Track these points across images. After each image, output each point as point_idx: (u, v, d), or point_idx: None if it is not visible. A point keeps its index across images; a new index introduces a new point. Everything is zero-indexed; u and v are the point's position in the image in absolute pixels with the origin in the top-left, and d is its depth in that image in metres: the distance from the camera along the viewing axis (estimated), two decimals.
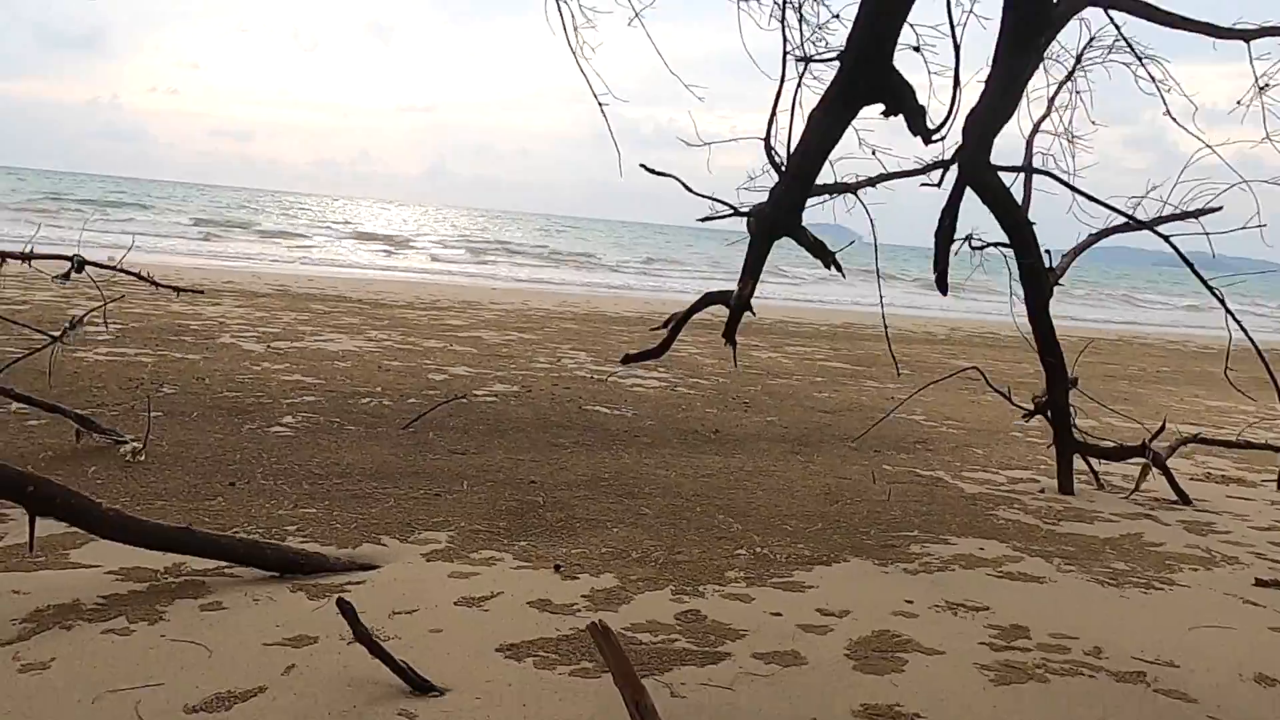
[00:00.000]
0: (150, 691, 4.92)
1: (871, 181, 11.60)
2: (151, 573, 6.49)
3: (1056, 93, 11.57)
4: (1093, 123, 11.52)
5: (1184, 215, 10.89)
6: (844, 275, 10.92)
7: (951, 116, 8.45)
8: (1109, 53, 11.03)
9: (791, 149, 9.81)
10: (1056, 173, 10.07)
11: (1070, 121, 11.50)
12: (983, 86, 8.52)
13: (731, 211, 9.89)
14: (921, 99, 9.03)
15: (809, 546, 7.98)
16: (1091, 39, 11.13)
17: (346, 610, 5.28)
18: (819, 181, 10.58)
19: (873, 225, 11.24)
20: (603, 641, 3.49)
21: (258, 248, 39.18)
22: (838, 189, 11.46)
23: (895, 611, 6.65)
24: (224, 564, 6.64)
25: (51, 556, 6.64)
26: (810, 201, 11.08)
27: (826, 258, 10.75)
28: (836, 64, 8.78)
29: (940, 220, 9.35)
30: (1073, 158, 11.54)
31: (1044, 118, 11.36)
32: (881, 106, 8.43)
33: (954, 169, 9.39)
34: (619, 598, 6.63)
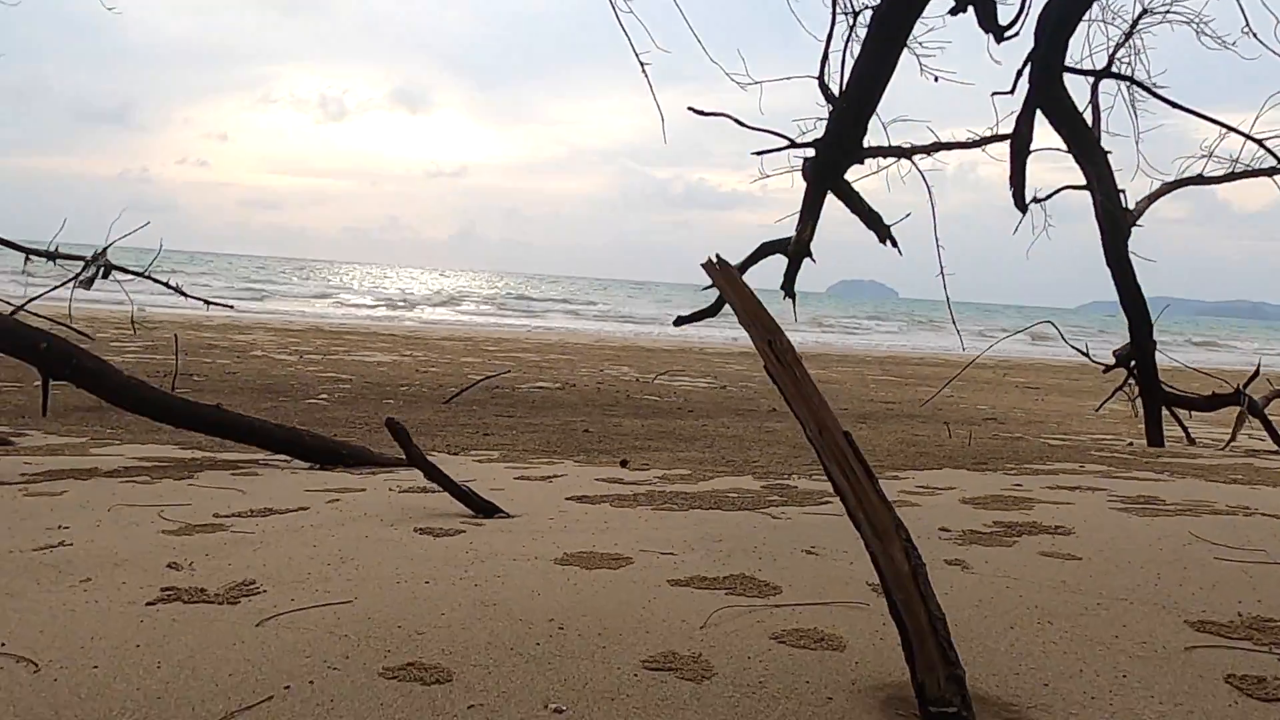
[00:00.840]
0: (175, 509, 4.28)
1: (927, 149, 11.16)
2: (178, 460, 5.89)
3: (1117, 50, 11.20)
4: (1153, 86, 11.11)
5: (1259, 172, 10.42)
6: (900, 251, 10.40)
7: (1025, 11, 8.02)
8: (1167, 13, 10.73)
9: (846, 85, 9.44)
10: (1135, 79, 9.54)
11: (1132, 74, 11.11)
12: None
13: (789, 144, 9.42)
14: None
15: (895, 462, 7.27)
16: (1145, 10, 10.83)
17: (397, 430, 4.66)
18: (873, 144, 10.18)
19: (930, 194, 10.81)
20: (722, 277, 2.86)
21: (286, 305, 39.09)
22: (891, 153, 11.02)
23: (1005, 489, 5.92)
24: (259, 455, 6.04)
25: (69, 453, 6.04)
26: (864, 171, 10.67)
27: (881, 230, 10.26)
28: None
29: (1015, 128, 8.84)
30: (1136, 116, 11.12)
31: (1107, 69, 10.95)
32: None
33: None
34: (698, 478, 5.96)
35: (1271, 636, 2.94)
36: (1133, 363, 10.09)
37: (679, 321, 10.37)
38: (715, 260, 2.98)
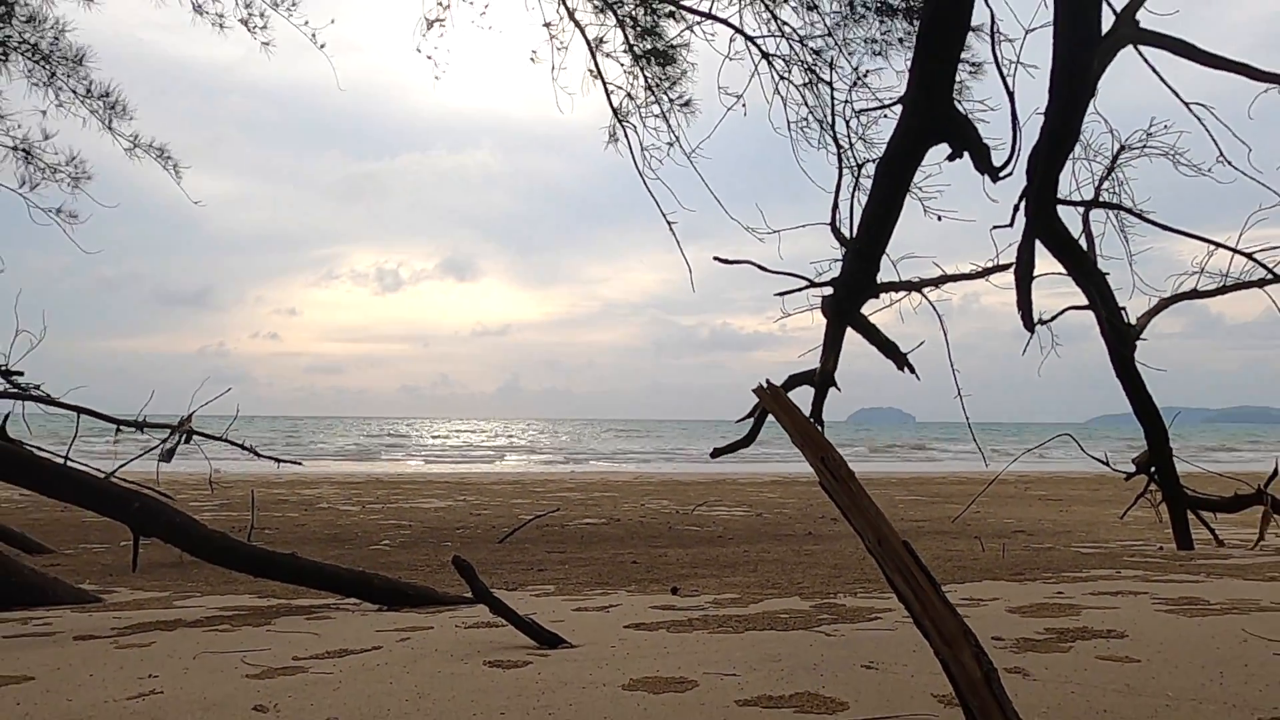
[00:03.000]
0: (256, 654, 4.18)
1: (935, 281, 11.21)
2: (256, 608, 5.79)
3: (1101, 182, 11.31)
4: (1139, 215, 11.16)
5: (1251, 284, 10.37)
6: (918, 377, 10.36)
7: (1015, 154, 8.13)
8: (1144, 148, 10.89)
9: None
10: (1126, 205, 9.59)
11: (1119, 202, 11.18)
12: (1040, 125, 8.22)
13: (807, 284, 9.49)
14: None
15: (937, 575, 7.02)
16: (1122, 147, 11.00)
17: (463, 567, 4.57)
18: (885, 280, 10.25)
19: (941, 322, 10.80)
20: (772, 401, 2.82)
21: (348, 460, 39.25)
22: (902, 287, 11.06)
23: (1049, 597, 5.68)
24: (330, 600, 5.94)
25: (154, 606, 5.97)
26: (878, 305, 10.69)
27: (899, 358, 10.24)
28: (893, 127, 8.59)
29: (1018, 257, 8.85)
30: (1127, 240, 11.16)
31: (1095, 199, 11.03)
32: (947, 150, 8.15)
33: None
34: (748, 600, 5.77)
35: None
36: (1153, 469, 9.83)
37: (716, 453, 10.27)
38: (765, 385, 2.94)
